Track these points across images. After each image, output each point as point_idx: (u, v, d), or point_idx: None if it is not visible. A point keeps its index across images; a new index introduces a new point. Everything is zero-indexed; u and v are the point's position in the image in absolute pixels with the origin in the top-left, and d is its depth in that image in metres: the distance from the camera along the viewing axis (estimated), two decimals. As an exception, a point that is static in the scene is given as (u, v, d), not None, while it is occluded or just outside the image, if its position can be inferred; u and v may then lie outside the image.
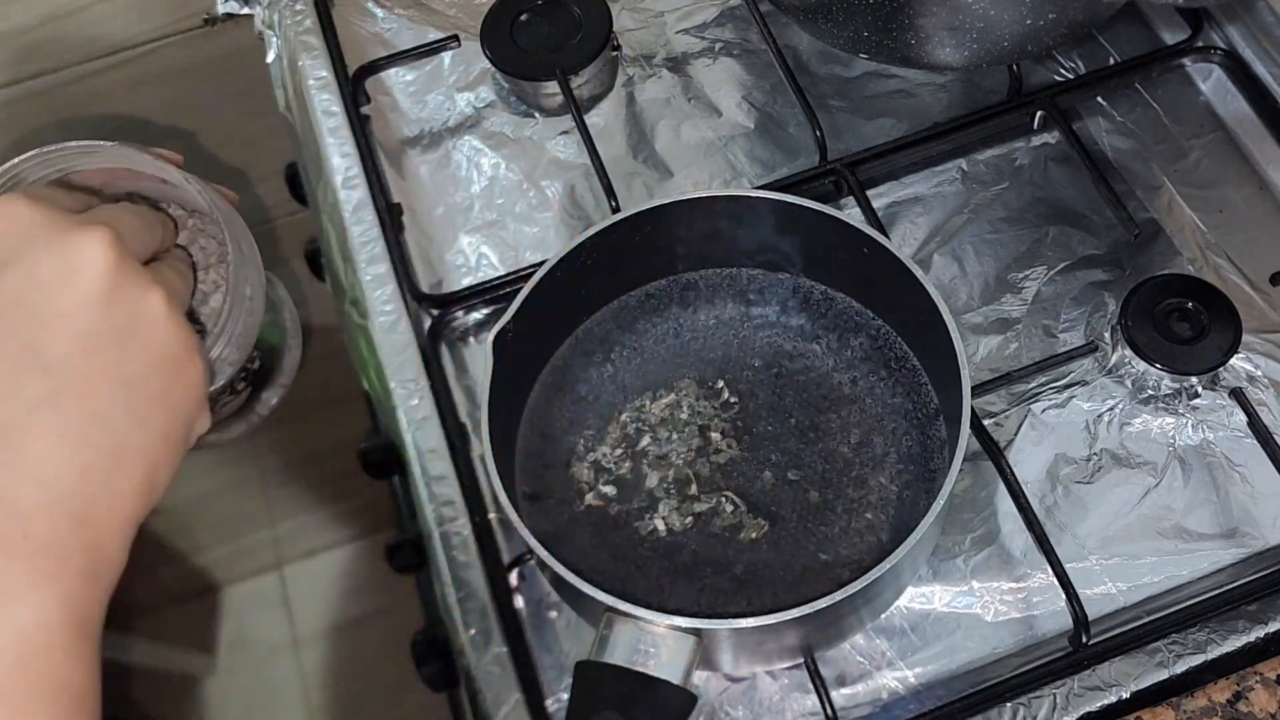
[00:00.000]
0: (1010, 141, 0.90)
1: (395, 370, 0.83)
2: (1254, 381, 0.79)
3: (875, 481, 0.73)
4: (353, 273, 0.87)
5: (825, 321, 0.79)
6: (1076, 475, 0.78)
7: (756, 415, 0.76)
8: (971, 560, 0.75)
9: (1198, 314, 0.78)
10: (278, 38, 0.97)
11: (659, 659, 0.64)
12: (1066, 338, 0.82)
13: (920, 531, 0.65)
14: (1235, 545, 0.75)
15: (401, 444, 0.81)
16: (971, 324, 0.83)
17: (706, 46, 0.96)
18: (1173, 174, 0.88)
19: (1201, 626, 0.72)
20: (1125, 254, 0.85)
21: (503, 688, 0.73)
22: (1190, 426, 0.78)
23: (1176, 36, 0.93)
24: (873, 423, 0.75)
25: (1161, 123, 0.90)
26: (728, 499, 0.73)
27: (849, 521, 0.72)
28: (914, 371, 0.76)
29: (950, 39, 0.80)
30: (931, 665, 0.73)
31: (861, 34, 0.82)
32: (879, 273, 0.74)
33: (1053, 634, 0.73)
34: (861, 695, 0.73)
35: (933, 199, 0.88)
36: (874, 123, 0.91)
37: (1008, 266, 0.85)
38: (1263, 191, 0.87)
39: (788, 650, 0.71)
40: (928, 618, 0.74)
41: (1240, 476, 0.77)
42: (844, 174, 0.86)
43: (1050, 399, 0.80)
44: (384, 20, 0.98)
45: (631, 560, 0.72)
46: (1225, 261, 0.84)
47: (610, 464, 0.75)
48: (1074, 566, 0.73)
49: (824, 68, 0.94)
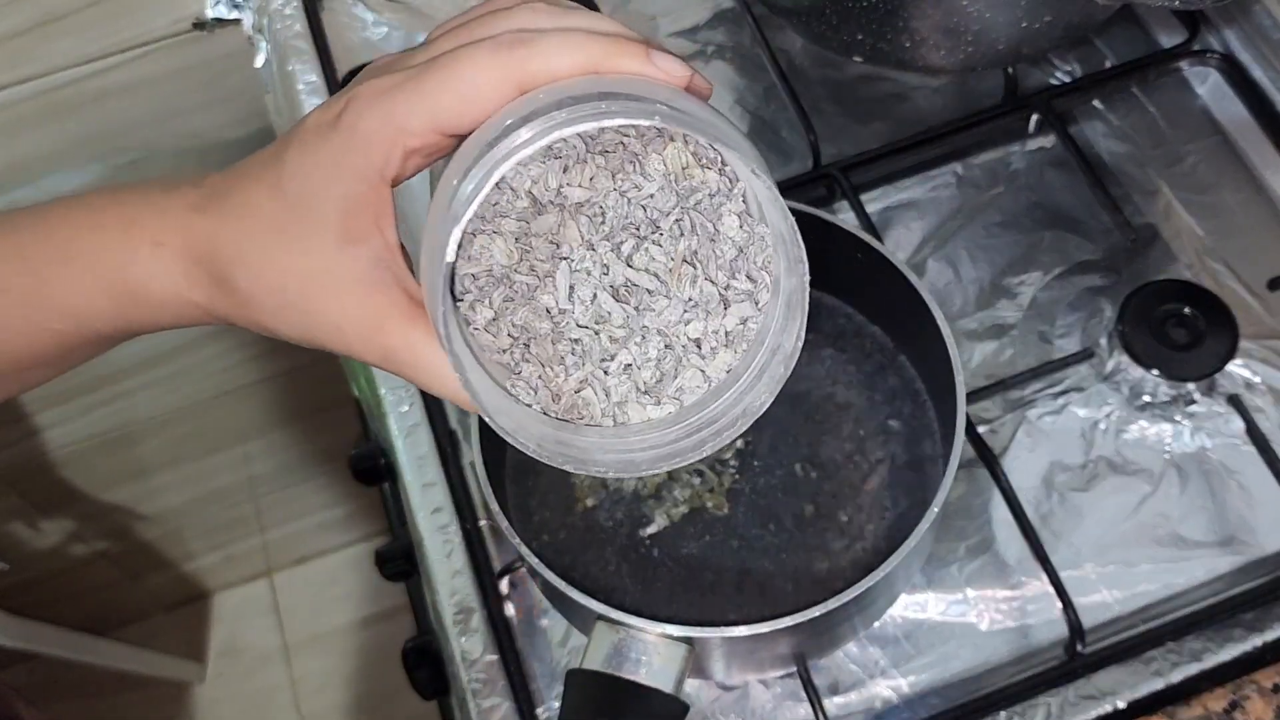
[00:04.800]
0: (1005, 145, 0.90)
1: (385, 376, 0.82)
2: (1251, 388, 0.79)
3: (869, 488, 0.73)
4: (342, 277, 0.86)
5: (819, 327, 0.78)
6: (1072, 482, 0.77)
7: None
8: (966, 568, 0.75)
9: (1194, 320, 0.78)
10: (267, 42, 0.97)
11: (651, 667, 0.63)
12: (1062, 344, 0.82)
13: (914, 539, 0.64)
14: (1232, 553, 0.75)
15: (392, 451, 0.81)
16: (966, 330, 0.83)
17: (699, 49, 0.95)
18: (1169, 178, 0.88)
19: (1198, 635, 0.72)
20: (1121, 259, 0.85)
21: (493, 696, 0.72)
22: (1187, 433, 0.78)
23: (1173, 40, 0.92)
24: (867, 429, 0.75)
25: (1158, 127, 0.90)
26: (720, 507, 0.73)
27: (842, 529, 0.72)
28: (908, 378, 0.76)
29: (945, 42, 0.79)
30: (925, 674, 0.73)
31: (856, 37, 0.82)
32: (873, 278, 0.73)
33: (1048, 642, 0.73)
34: (855, 704, 0.72)
35: (927, 203, 0.88)
36: (868, 126, 0.91)
37: (1003, 272, 0.85)
38: (1260, 196, 0.87)
39: (780, 659, 0.71)
40: (922, 626, 0.74)
41: (1237, 484, 0.76)
42: (837, 178, 0.86)
43: (1046, 405, 0.79)
44: (373, 24, 0.98)
45: (623, 568, 0.72)
46: (1222, 267, 0.84)
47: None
48: (1069, 574, 0.73)
49: (817, 71, 0.94)
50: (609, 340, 0.49)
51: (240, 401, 1.44)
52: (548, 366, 0.49)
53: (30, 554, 1.45)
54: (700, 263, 0.49)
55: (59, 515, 1.44)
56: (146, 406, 1.35)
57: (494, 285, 0.49)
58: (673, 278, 0.49)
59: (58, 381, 0.67)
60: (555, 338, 0.49)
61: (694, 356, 0.49)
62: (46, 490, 1.38)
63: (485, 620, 0.74)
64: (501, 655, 0.73)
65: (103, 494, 1.45)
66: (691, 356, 0.49)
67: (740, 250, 0.49)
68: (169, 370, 1.30)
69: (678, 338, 0.49)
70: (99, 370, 1.25)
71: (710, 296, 0.49)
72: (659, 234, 0.49)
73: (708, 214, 0.49)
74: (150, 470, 1.44)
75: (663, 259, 0.49)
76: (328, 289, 0.49)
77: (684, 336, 0.49)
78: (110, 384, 1.28)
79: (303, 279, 0.50)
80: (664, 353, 0.49)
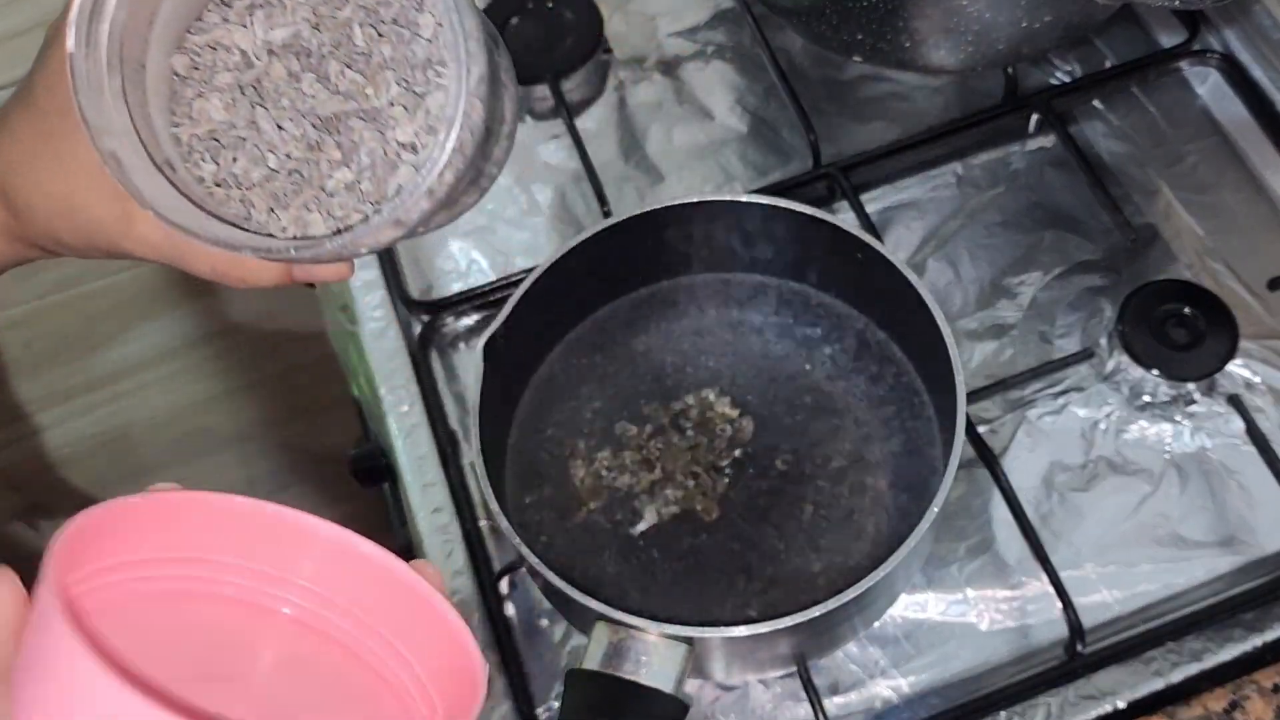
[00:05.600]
0: (1006, 145, 0.90)
1: (385, 377, 0.83)
2: (1251, 388, 0.79)
3: (869, 488, 0.73)
4: (342, 278, 0.86)
5: (819, 327, 0.78)
6: (1072, 482, 0.77)
7: (750, 421, 0.75)
8: (966, 568, 0.75)
9: (1194, 320, 0.78)
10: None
11: (651, 667, 0.63)
12: (1062, 344, 0.82)
13: (914, 539, 0.64)
14: (1232, 553, 0.75)
15: (392, 451, 0.81)
16: (966, 330, 0.82)
17: (699, 49, 0.95)
18: (1169, 178, 0.88)
19: (1198, 635, 0.72)
20: (1121, 259, 0.85)
21: (493, 696, 0.72)
22: (1187, 433, 0.78)
23: (1173, 40, 0.92)
24: (867, 429, 0.75)
25: (1158, 127, 0.90)
26: (719, 505, 0.73)
27: (843, 528, 0.72)
28: (908, 377, 0.76)
29: (945, 42, 0.79)
30: (925, 674, 0.73)
31: (856, 37, 0.82)
32: (873, 278, 0.73)
33: (1048, 642, 0.73)
34: (855, 704, 0.72)
35: (927, 203, 0.88)
36: (868, 126, 0.91)
37: (1003, 272, 0.85)
38: (1260, 196, 0.87)
39: (780, 658, 0.71)
40: (921, 626, 0.74)
41: (1237, 484, 0.76)
42: (837, 178, 0.86)
43: (1046, 405, 0.79)
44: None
45: (623, 568, 0.72)
46: (1222, 267, 0.84)
47: (601, 471, 0.74)
48: (1069, 574, 0.73)
49: (817, 71, 0.94)
50: (328, 165, 0.52)
51: (240, 401, 1.44)
52: (273, 206, 0.53)
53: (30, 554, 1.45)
54: (397, 65, 0.52)
55: (59, 515, 1.44)
56: (146, 406, 1.35)
57: (218, 143, 0.53)
58: (372, 84, 0.52)
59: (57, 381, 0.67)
60: (274, 178, 0.53)
61: (406, 154, 0.52)
62: (46, 490, 1.38)
63: (485, 620, 0.74)
64: (501, 655, 0.73)
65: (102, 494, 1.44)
66: (405, 155, 0.52)
67: (436, 44, 0.52)
68: (168, 370, 1.30)
69: (388, 142, 0.52)
70: (99, 370, 1.25)
71: (410, 94, 0.52)
72: (356, 52, 0.52)
73: (406, 22, 0.52)
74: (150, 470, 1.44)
75: (357, 74, 0.52)
76: (89, 190, 0.55)
77: (394, 139, 0.52)
78: (110, 384, 1.28)
79: (67, 184, 0.56)
80: (377, 157, 0.52)
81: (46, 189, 0.56)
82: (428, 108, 0.52)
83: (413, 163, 0.52)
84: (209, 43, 0.53)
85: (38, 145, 0.56)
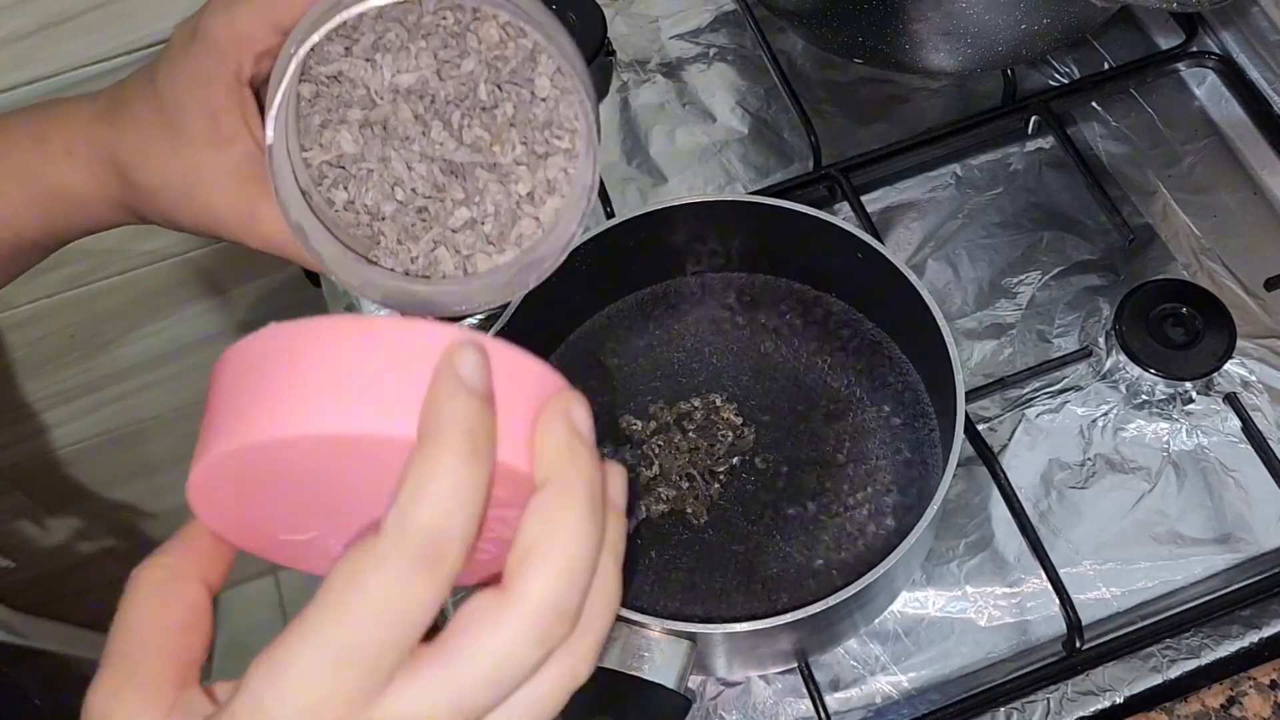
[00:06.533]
0: (1005, 146, 0.91)
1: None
2: (1248, 387, 0.80)
3: (869, 486, 0.73)
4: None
5: (820, 326, 0.79)
6: (1070, 480, 0.78)
7: (751, 420, 0.76)
8: (965, 565, 0.75)
9: (1192, 319, 0.78)
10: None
11: (653, 663, 0.64)
12: (1061, 343, 0.82)
13: (914, 536, 0.65)
14: (1229, 550, 0.75)
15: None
16: (966, 329, 0.83)
17: (701, 52, 0.96)
18: (1167, 179, 0.88)
19: (1195, 631, 0.72)
20: (1120, 259, 0.85)
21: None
22: (1184, 432, 0.78)
23: (1171, 41, 0.93)
24: (867, 427, 0.75)
25: (1156, 128, 0.91)
26: (721, 503, 0.73)
27: (843, 526, 0.72)
28: (908, 376, 0.76)
29: (945, 44, 0.80)
30: (925, 670, 0.73)
31: (856, 39, 0.82)
32: (873, 278, 0.74)
33: (1046, 639, 0.74)
34: (855, 700, 0.73)
35: (927, 204, 0.88)
36: (868, 128, 0.92)
37: (1002, 272, 0.85)
38: (1257, 196, 0.87)
39: (782, 654, 0.71)
40: (921, 622, 0.74)
41: (1234, 482, 0.77)
42: (838, 179, 0.86)
43: (1044, 404, 0.80)
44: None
45: (625, 564, 0.72)
46: (1220, 267, 0.84)
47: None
48: (1068, 571, 0.73)
49: (818, 73, 0.94)
50: (452, 204, 0.57)
51: (246, 400, 1.44)
52: (401, 237, 0.57)
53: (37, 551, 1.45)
54: (519, 125, 0.56)
55: (65, 513, 1.45)
56: (153, 404, 1.35)
57: (346, 171, 0.56)
58: (498, 142, 0.56)
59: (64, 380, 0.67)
60: (402, 211, 0.57)
61: (527, 206, 0.57)
62: (53, 488, 1.39)
63: (490, 617, 0.75)
64: (506, 651, 0.74)
65: (109, 492, 1.45)
66: (525, 207, 0.57)
67: (553, 107, 0.56)
68: (175, 369, 1.31)
69: (510, 194, 0.57)
70: (105, 369, 1.25)
71: (531, 155, 0.57)
72: (480, 105, 0.56)
73: (522, 80, 0.56)
74: (157, 468, 1.44)
75: (483, 130, 0.56)
76: (206, 184, 0.57)
77: (515, 193, 0.57)
78: (116, 382, 1.28)
79: (186, 176, 0.57)
80: (501, 207, 0.57)
81: (167, 177, 0.58)
82: (547, 169, 0.56)
83: (533, 214, 0.57)
84: (333, 74, 0.55)
85: (160, 133, 0.57)
